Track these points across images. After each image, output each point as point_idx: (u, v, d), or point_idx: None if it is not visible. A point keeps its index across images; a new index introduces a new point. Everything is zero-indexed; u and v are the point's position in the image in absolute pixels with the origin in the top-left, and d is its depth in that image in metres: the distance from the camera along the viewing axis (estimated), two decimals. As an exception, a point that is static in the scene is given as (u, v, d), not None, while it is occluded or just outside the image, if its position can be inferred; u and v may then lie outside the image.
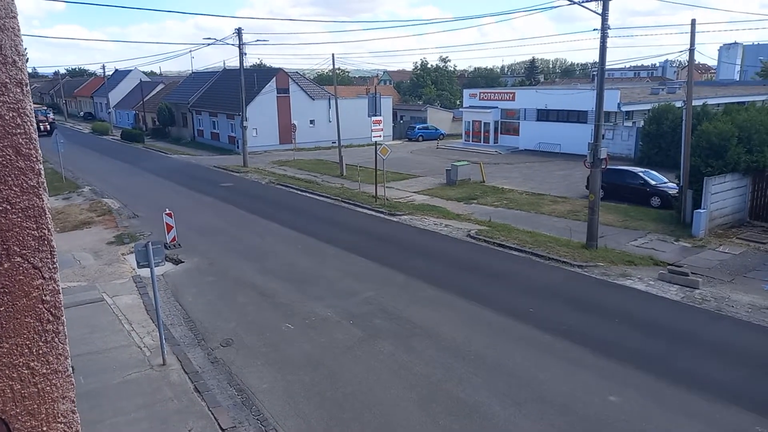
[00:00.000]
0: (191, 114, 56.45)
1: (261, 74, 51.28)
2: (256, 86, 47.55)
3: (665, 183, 24.70)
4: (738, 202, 20.70)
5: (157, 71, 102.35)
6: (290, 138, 45.92)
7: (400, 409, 9.44)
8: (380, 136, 27.59)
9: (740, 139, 19.97)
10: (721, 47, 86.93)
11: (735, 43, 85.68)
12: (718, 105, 34.88)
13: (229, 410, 9.55)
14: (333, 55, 37.78)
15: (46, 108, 65.48)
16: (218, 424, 9.13)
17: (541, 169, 35.11)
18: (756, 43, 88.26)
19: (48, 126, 58.04)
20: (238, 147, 44.62)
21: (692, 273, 15.38)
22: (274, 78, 49.22)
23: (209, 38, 36.12)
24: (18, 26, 0.88)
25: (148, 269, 10.88)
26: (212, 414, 9.38)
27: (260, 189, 30.74)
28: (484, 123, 48.63)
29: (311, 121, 50.85)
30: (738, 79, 69.01)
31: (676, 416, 9.09)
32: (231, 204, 26.06)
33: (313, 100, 51.31)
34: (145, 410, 9.51)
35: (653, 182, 24.78)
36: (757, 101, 36.95)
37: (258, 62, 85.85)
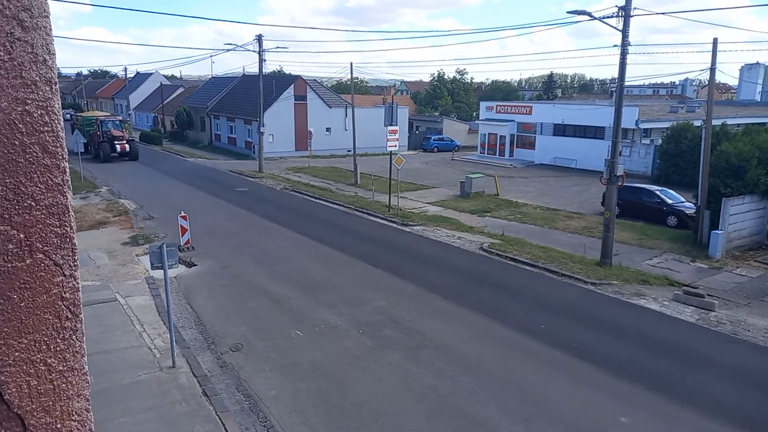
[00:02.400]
0: (209, 118, 57.06)
1: (279, 81, 51.75)
2: (274, 92, 47.97)
3: (682, 202, 24.42)
4: (756, 224, 20.39)
5: (178, 75, 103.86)
6: (306, 145, 46.17)
7: (408, 421, 9.37)
8: (395, 145, 27.63)
9: (760, 161, 19.71)
10: (742, 67, 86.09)
11: (757, 63, 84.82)
12: (738, 125, 34.50)
13: (236, 415, 9.55)
14: (351, 64, 38.07)
15: (119, 119, 45.53)
16: (225, 429, 9.12)
17: (556, 183, 34.91)
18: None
19: (126, 146, 41.03)
20: (254, 152, 44.96)
21: (708, 295, 15.14)
22: (293, 85, 49.63)
23: (230, 44, 36.88)
24: (50, 26, 0.89)
25: (162, 271, 10.95)
26: (219, 419, 9.38)
27: (275, 195, 30.90)
28: (500, 136, 48.53)
29: (327, 129, 51.14)
30: (759, 100, 68.20)
31: (689, 440, 8.91)
32: (245, 209, 26.21)
33: (330, 108, 51.62)
34: (153, 412, 9.54)
35: (670, 201, 24.51)
36: (779, 122, 36.38)
37: (277, 69, 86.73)
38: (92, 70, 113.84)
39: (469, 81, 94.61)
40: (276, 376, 10.85)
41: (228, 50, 39.79)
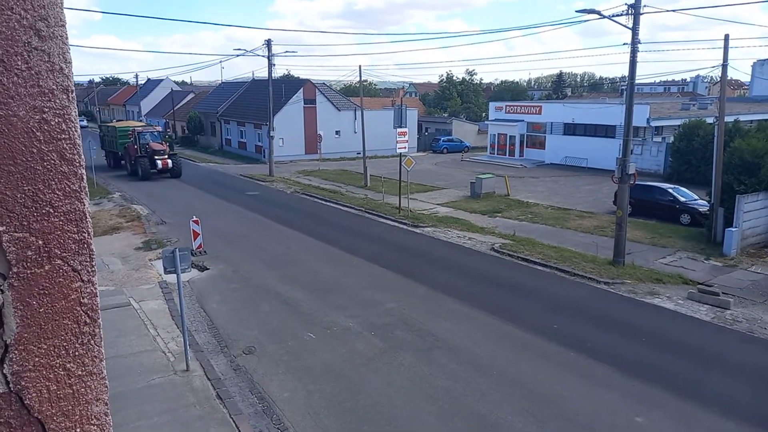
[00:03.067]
0: (219, 123, 57.44)
1: (289, 85, 51.99)
2: (283, 96, 48.18)
3: (695, 200, 24.19)
4: (772, 221, 20.13)
5: (188, 81, 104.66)
6: (316, 148, 46.34)
7: (421, 423, 9.35)
8: (405, 147, 27.63)
9: (775, 157, 19.47)
10: (755, 63, 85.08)
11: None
12: (751, 122, 34.13)
13: (250, 418, 9.59)
14: (360, 66, 38.20)
15: (157, 129, 40.33)
16: (239, 431, 9.16)
17: (567, 183, 34.71)
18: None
19: (168, 162, 35.02)
20: (264, 156, 45.17)
21: (723, 293, 14.97)
22: (302, 89, 49.83)
23: (239, 49, 37.02)
24: (66, 34, 0.90)
25: (175, 275, 11.03)
26: (233, 421, 9.42)
27: (285, 198, 31.01)
28: (510, 136, 48.37)
29: (337, 132, 51.26)
30: (772, 95, 67.33)
31: (706, 440, 8.82)
32: (256, 212, 26.32)
33: (339, 111, 51.76)
34: (168, 415, 9.60)
35: (683, 199, 24.28)
36: (793, 118, 35.93)
37: (286, 73, 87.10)
38: (104, 78, 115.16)
39: (479, 82, 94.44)
40: (289, 379, 10.88)
41: (238, 55, 40.41)
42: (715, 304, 14.51)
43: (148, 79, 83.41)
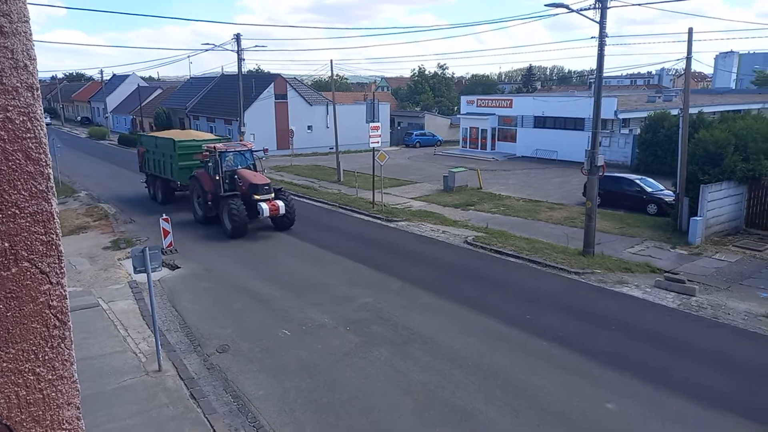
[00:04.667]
0: (189, 119, 56.49)
1: (259, 80, 51.39)
2: (254, 92, 47.63)
3: (661, 190, 24.79)
4: (734, 210, 20.78)
5: (155, 76, 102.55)
6: (288, 143, 45.95)
7: (397, 416, 9.40)
8: (378, 142, 27.60)
9: (737, 148, 20.07)
10: (717, 56, 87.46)
11: (731, 51, 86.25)
12: (714, 113, 35.10)
13: (224, 417, 9.50)
14: (331, 61, 37.96)
15: (248, 146, 23.65)
16: (214, 430, 9.07)
17: (538, 176, 35.19)
18: (751, 51, 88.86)
19: (279, 206, 20.91)
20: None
21: (689, 280, 15.41)
22: (272, 84, 49.34)
23: (208, 44, 36.11)
24: (30, 30, 0.88)
25: (145, 275, 10.84)
26: (208, 421, 9.33)
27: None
28: (482, 129, 48.78)
29: (309, 127, 50.94)
30: (734, 88, 69.43)
31: (674, 425, 9.08)
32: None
33: (311, 105, 51.42)
34: (141, 416, 9.45)
35: (650, 190, 24.86)
36: (753, 109, 37.10)
37: (256, 68, 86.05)
38: (67, 73, 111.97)
39: (450, 76, 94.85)
40: (264, 377, 10.81)
41: (206, 50, 39.29)
42: (681, 291, 14.92)
43: (114, 75, 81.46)
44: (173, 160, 24.72)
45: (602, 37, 17.49)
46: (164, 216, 18.79)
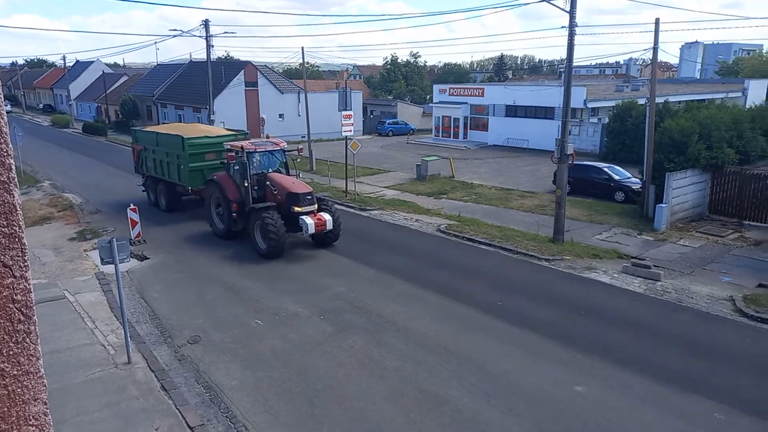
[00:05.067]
0: (156, 107, 55.26)
1: (229, 67, 50.53)
2: (223, 79, 46.83)
3: (629, 178, 25.32)
4: (698, 196, 21.37)
5: (121, 63, 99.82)
6: (259, 132, 45.35)
7: (371, 403, 9.47)
8: (350, 130, 27.47)
9: (701, 136, 20.59)
10: (682, 46, 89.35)
11: (696, 42, 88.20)
12: (680, 102, 35.90)
13: (196, 408, 9.42)
14: (303, 48, 37.48)
15: (280, 146, 19.05)
16: (186, 422, 8.99)
17: (510, 164, 35.56)
18: (715, 42, 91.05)
19: (327, 221, 17.05)
20: (205, 141, 43.77)
21: (654, 266, 15.82)
22: (242, 71, 48.57)
23: (175, 29, 35.29)
24: (-15, 13, 0.84)
25: (112, 266, 10.62)
26: (179, 412, 9.24)
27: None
28: (454, 118, 48.96)
29: (280, 115, 50.37)
30: (698, 77, 71.08)
31: (641, 405, 9.36)
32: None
33: (282, 93, 50.84)
34: (110, 409, 9.30)
35: (617, 177, 25.36)
36: (716, 99, 38.05)
37: (226, 55, 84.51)
38: (28, 59, 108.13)
39: (423, 64, 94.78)
40: (237, 367, 10.75)
41: (173, 36, 38.39)
42: (647, 276, 15.33)
43: (77, 61, 79.00)
44: (182, 161, 20.57)
45: (572, 26, 17.68)
46: (132, 206, 18.41)
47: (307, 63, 50.93)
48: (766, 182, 20.01)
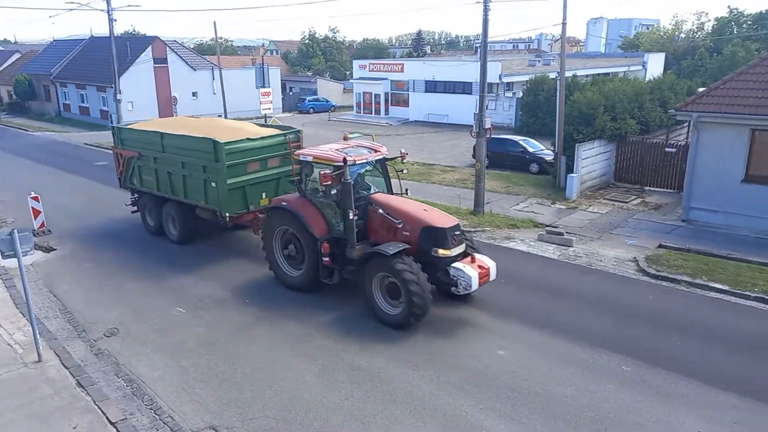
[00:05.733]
0: (55, 86, 51.27)
1: (135, 42, 47.54)
2: (129, 56, 44.07)
3: (542, 150, 26.44)
4: (605, 166, 22.69)
5: (12, 39, 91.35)
6: (171, 111, 43.26)
7: (302, 383, 9.44)
8: (270, 108, 26.86)
9: (606, 108, 21.77)
10: (588, 21, 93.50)
11: (600, 17, 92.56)
12: (587, 76, 37.72)
13: (117, 402, 9.00)
14: (215, 23, 35.88)
15: (382, 153, 13.01)
16: (107, 417, 8.58)
17: (431, 139, 36.09)
18: (618, 18, 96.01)
19: (488, 268, 11.47)
20: (111, 122, 41.25)
21: (567, 233, 16.72)
22: (150, 47, 45.91)
23: (73, 2, 32.46)
24: None
25: (15, 259, 9.83)
26: (99, 408, 8.79)
27: (141, 167, 28.72)
28: (375, 94, 48.90)
29: (194, 94, 48.25)
30: (603, 52, 74.84)
31: (558, 364, 9.92)
32: (107, 185, 24.14)
33: (195, 70, 48.63)
34: (22, 410, 8.71)
35: (532, 150, 26.41)
36: (620, 72, 40.22)
37: (131, 30, 79.44)
38: None
39: (342, 40, 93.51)
40: (159, 357, 10.35)
41: (70, 9, 35.32)
42: (560, 243, 16.18)
43: (-41, 36, 71.33)
44: (213, 176, 14.37)
45: (486, 2, 17.99)
46: (33, 194, 17.09)
47: (221, 38, 48.84)
48: (663, 150, 21.55)
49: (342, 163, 11.42)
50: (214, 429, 8.34)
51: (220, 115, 37.97)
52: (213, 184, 14.48)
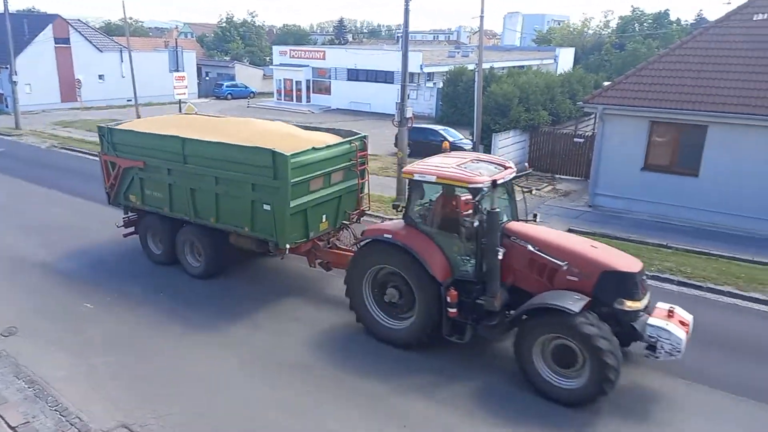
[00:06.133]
0: (-62, 65, 46.40)
1: (33, 20, 43.99)
2: (27, 34, 40.74)
3: (461, 140, 27.12)
4: (520, 154, 23.64)
5: None
6: (75, 95, 40.48)
7: (220, 373, 9.19)
8: (184, 93, 25.77)
9: (521, 100, 22.69)
10: (505, 15, 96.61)
11: (516, 12, 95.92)
12: (503, 68, 39.10)
13: (18, 405, 8.37)
14: (123, 2, 33.83)
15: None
16: (5, 422, 7.96)
17: (353, 128, 35.78)
18: (532, 14, 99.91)
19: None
20: (7, 106, 38.12)
21: (485, 219, 17.23)
22: (50, 25, 42.64)
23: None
24: None
25: None
26: (-4, 413, 8.14)
27: (40, 154, 26.81)
28: (296, 81, 48.16)
29: (100, 77, 45.41)
30: (518, 45, 77.69)
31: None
32: (4, 173, 22.31)
33: (102, 52, 45.73)
34: None
35: (451, 139, 26.97)
36: (533, 65, 41.94)
37: (31, 8, 73.36)
38: None
39: (261, 24, 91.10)
40: (65, 355, 9.71)
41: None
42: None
43: None
44: (268, 197, 11.15)
45: (405, -10, 18.10)
46: None
47: (131, 18, 46.17)
48: (572, 140, 22.75)
49: (479, 186, 8.94)
50: (126, 427, 7.95)
51: (130, 100, 35.98)
52: (266, 207, 11.14)
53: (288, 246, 11.24)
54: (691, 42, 18.70)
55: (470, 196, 9.30)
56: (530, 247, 9.05)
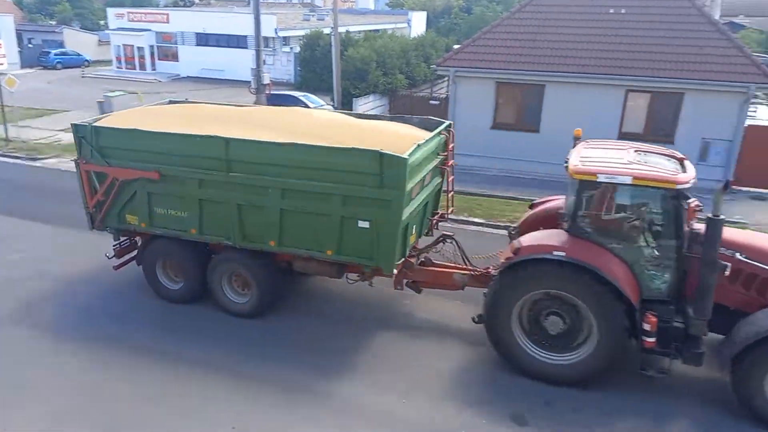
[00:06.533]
0: None
1: None
2: None
3: (322, 105, 26.82)
4: (380, 119, 24.03)
5: None
6: None
7: (86, 378, 8.40)
8: (3, 63, 22.47)
9: (378, 64, 22.93)
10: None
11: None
12: (360, 32, 39.07)
13: None
14: None
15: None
16: None
17: (207, 96, 33.87)
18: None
19: None
20: None
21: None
22: None
23: None
24: None
25: None
26: None
27: None
28: (138, 48, 44.24)
29: None
30: (373, 9, 78.02)
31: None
32: None
33: None
34: None
35: (312, 105, 26.61)
36: (388, 29, 42.45)
37: None
38: None
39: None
40: None
41: None
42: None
43: None
44: (369, 212, 8.52)
45: (251, -51, 17.18)
46: None
47: None
48: (429, 103, 23.56)
49: (687, 186, 7.38)
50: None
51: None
52: (363, 225, 8.59)
53: (395, 271, 8.84)
54: (528, 6, 20.05)
55: (676, 200, 7.43)
56: (741, 257, 7.54)
